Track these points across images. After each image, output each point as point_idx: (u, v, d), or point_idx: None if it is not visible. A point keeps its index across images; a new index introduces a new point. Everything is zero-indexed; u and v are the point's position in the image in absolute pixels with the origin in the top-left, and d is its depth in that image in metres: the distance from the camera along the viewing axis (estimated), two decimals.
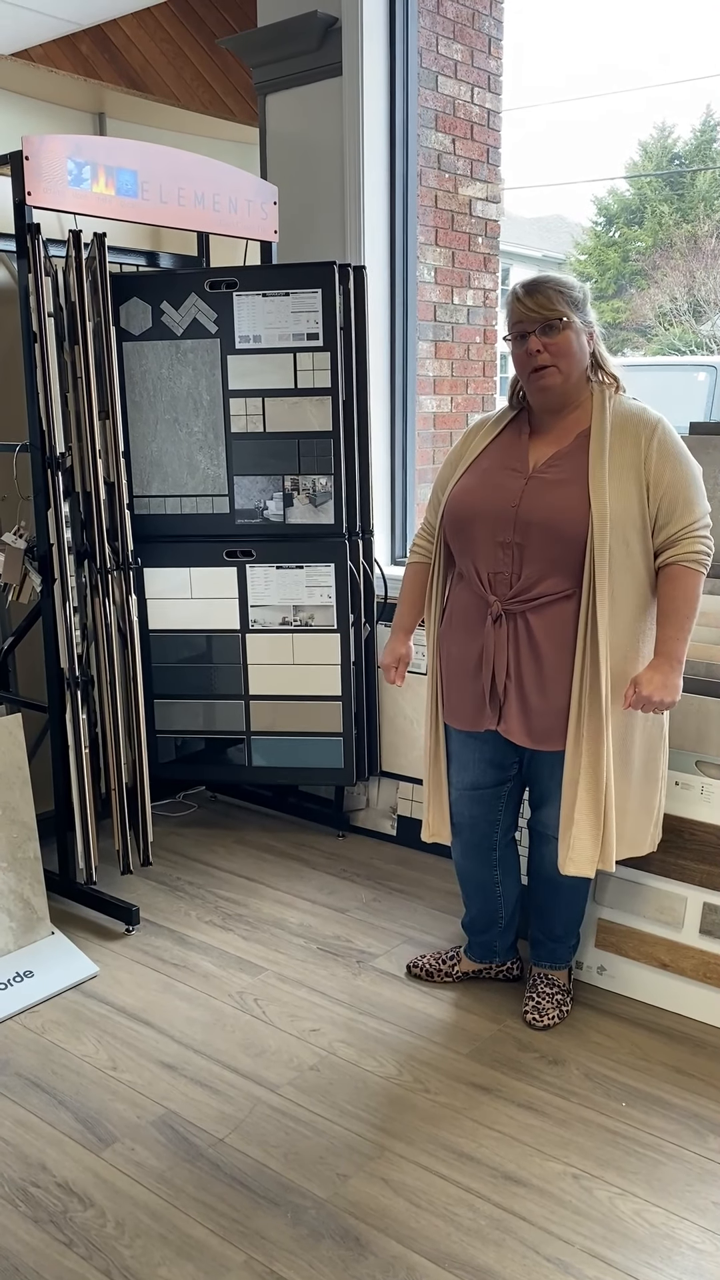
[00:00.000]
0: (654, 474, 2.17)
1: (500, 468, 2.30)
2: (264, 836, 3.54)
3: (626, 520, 2.16)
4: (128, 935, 2.90)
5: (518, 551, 2.23)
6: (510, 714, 2.31)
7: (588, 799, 2.24)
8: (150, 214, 2.95)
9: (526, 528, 2.21)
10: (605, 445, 2.18)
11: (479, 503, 2.28)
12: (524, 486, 2.24)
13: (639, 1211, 1.95)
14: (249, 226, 3.24)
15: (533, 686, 2.27)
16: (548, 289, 2.16)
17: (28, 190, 2.64)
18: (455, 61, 3.61)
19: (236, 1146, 2.11)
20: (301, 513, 3.21)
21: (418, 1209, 1.95)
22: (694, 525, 2.19)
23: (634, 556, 2.19)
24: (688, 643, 2.21)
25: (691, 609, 2.20)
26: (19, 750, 2.78)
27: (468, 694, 2.36)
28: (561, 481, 2.21)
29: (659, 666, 2.19)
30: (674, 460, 2.19)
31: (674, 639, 2.20)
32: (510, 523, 2.23)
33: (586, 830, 2.26)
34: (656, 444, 2.18)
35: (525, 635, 2.26)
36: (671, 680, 2.19)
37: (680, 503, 2.18)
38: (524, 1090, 2.27)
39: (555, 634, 2.24)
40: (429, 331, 3.65)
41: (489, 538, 2.26)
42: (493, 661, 2.29)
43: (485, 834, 2.50)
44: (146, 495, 3.26)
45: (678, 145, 19.63)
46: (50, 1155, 2.09)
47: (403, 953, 2.81)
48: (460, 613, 2.37)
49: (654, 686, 2.18)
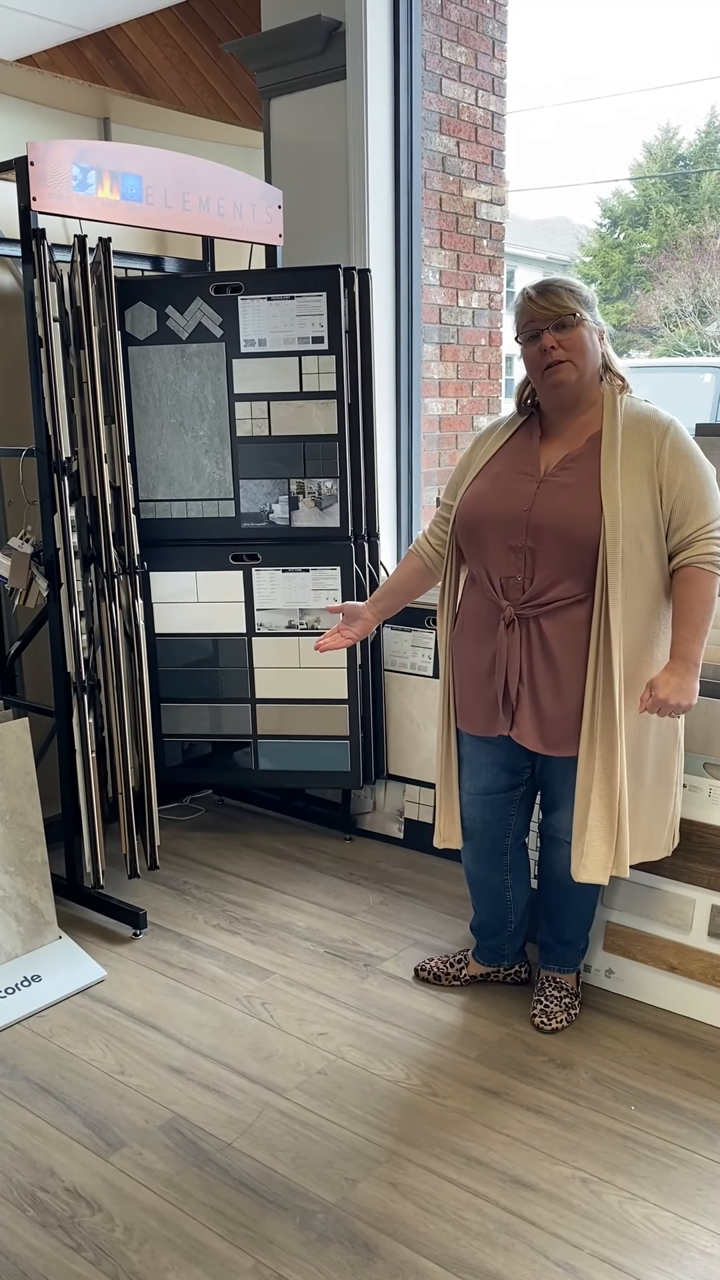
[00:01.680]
0: (667, 476, 2.16)
1: (512, 472, 2.29)
2: (271, 840, 3.54)
3: (639, 523, 2.16)
4: (135, 939, 2.90)
5: (530, 556, 2.22)
6: (523, 719, 2.30)
7: (601, 805, 2.23)
8: (155, 218, 2.96)
9: (538, 532, 2.20)
10: (617, 448, 2.17)
11: (490, 507, 2.27)
12: (535, 491, 2.23)
13: (649, 1216, 1.94)
14: (254, 230, 3.24)
15: (547, 692, 2.26)
16: (559, 288, 2.18)
17: (33, 195, 2.65)
18: (459, 64, 3.62)
19: (244, 1151, 2.10)
20: (307, 516, 3.21)
21: (426, 1213, 1.95)
22: (708, 527, 2.17)
23: (647, 559, 2.18)
24: (704, 645, 2.19)
25: (707, 611, 2.18)
26: (26, 754, 2.78)
27: (481, 699, 2.35)
28: (573, 485, 2.20)
29: (675, 669, 2.18)
30: (687, 462, 2.17)
31: (689, 641, 2.18)
32: (522, 527, 2.22)
33: (600, 837, 2.24)
34: (670, 445, 2.17)
35: (538, 640, 2.25)
36: (687, 683, 2.17)
37: (694, 504, 2.17)
38: (532, 1094, 2.27)
39: (568, 638, 2.22)
40: (434, 334, 3.65)
41: (500, 542, 2.25)
42: (505, 667, 2.29)
43: (496, 839, 2.49)
44: (152, 499, 3.26)
45: (682, 146, 19.63)
46: (58, 1160, 2.09)
47: (410, 956, 2.80)
48: (472, 618, 2.36)
49: (670, 689, 2.16)
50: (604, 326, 2.24)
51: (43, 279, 2.65)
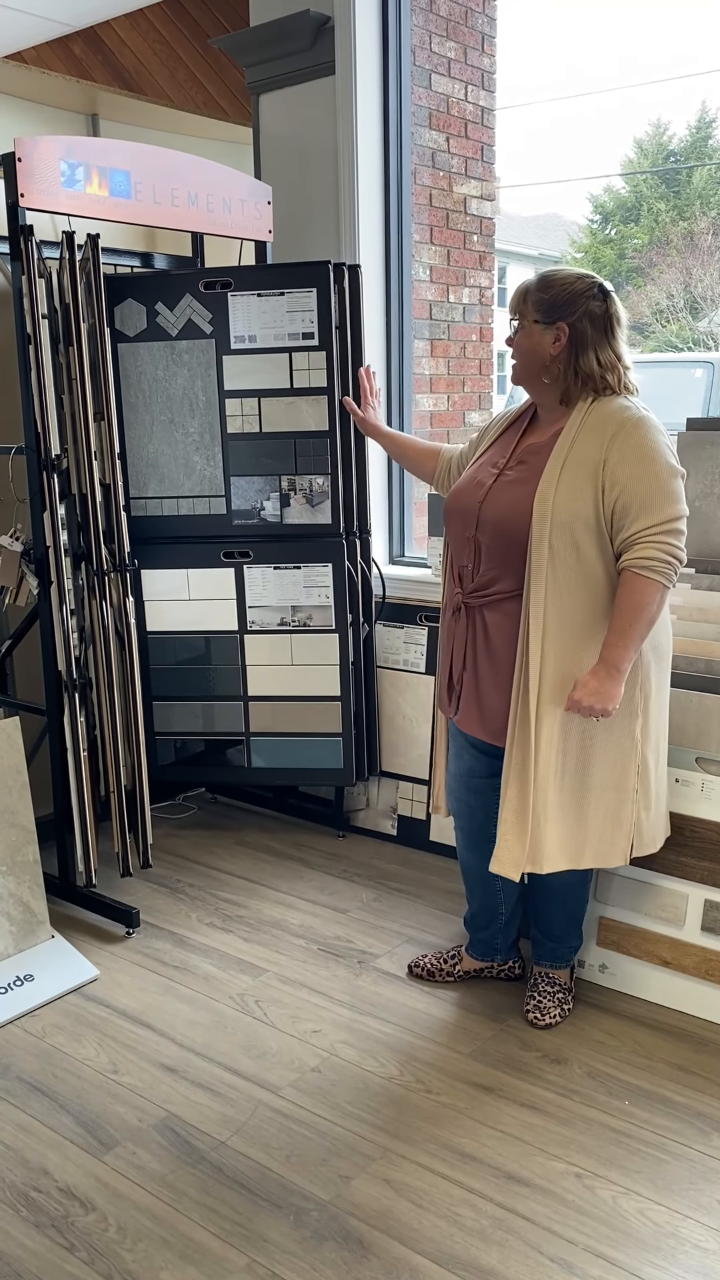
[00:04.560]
0: (610, 474, 2.12)
1: (485, 464, 2.36)
2: (264, 838, 3.53)
3: (576, 521, 2.13)
4: (128, 938, 2.89)
5: (477, 548, 2.29)
6: (465, 705, 2.37)
7: (515, 799, 2.26)
8: (144, 215, 2.95)
9: (484, 525, 2.27)
10: (567, 445, 2.18)
11: (458, 497, 2.37)
12: (491, 484, 2.29)
13: (642, 1210, 1.94)
14: (243, 226, 3.23)
15: (488, 682, 2.32)
16: (522, 287, 2.23)
17: (21, 192, 2.63)
18: (448, 59, 3.61)
19: (238, 1149, 2.10)
20: (299, 513, 3.20)
21: (420, 1210, 1.94)
22: (649, 529, 2.10)
23: (586, 559, 2.15)
24: (631, 649, 2.13)
25: (637, 615, 2.11)
26: (17, 753, 2.78)
27: (441, 681, 2.46)
28: (519, 480, 2.24)
29: (596, 672, 2.15)
30: (635, 461, 2.11)
31: (614, 645, 2.14)
32: (474, 519, 2.29)
33: (512, 830, 2.26)
34: (619, 444, 2.12)
35: (481, 630, 2.31)
36: (607, 687, 2.14)
37: (636, 506, 2.10)
38: (526, 1089, 2.27)
39: (507, 632, 2.27)
40: (425, 330, 3.64)
41: (460, 532, 2.34)
42: (450, 653, 2.38)
43: (483, 824, 2.50)
44: (143, 496, 3.25)
45: (673, 142, 19.63)
46: (51, 1160, 2.08)
47: (404, 953, 2.80)
48: (445, 603, 2.45)
49: (586, 692, 2.15)
50: (583, 326, 2.15)
51: (31, 276, 2.64)
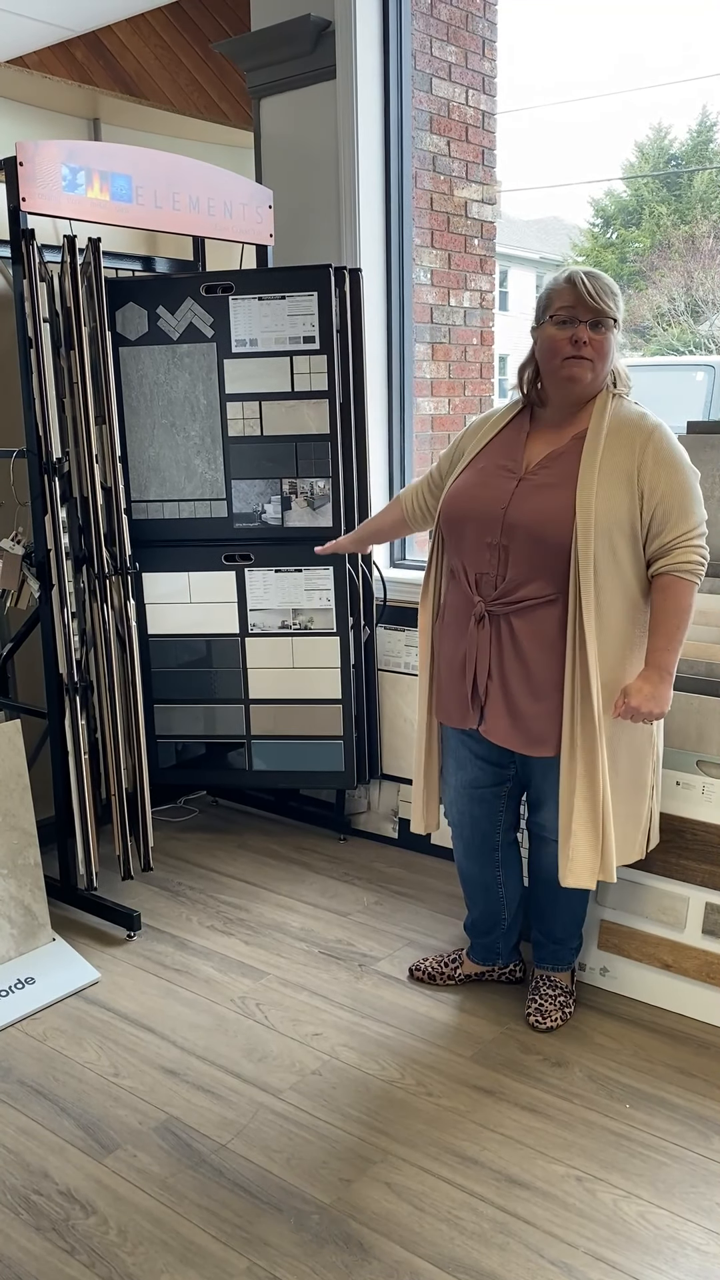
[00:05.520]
0: (649, 482, 2.15)
1: (495, 467, 2.30)
2: (265, 841, 3.53)
3: (614, 527, 2.15)
4: (129, 941, 2.89)
5: (503, 553, 2.23)
6: (492, 716, 2.30)
7: (586, 810, 2.22)
8: (145, 219, 2.95)
9: (512, 530, 2.21)
10: (598, 450, 2.17)
11: (471, 503, 2.29)
12: (514, 489, 2.24)
13: (643, 1214, 1.94)
14: (244, 230, 3.24)
15: (520, 690, 2.26)
16: (610, 287, 2.18)
17: (22, 196, 2.64)
18: (449, 63, 3.62)
19: (239, 1152, 2.10)
20: (300, 516, 3.20)
21: (421, 1213, 1.94)
22: (688, 534, 2.16)
23: (622, 564, 2.17)
24: (678, 653, 2.19)
25: (682, 619, 2.17)
26: (18, 757, 2.78)
27: (454, 693, 2.37)
28: (550, 485, 2.20)
29: (649, 677, 2.17)
30: (669, 468, 2.16)
31: (663, 649, 2.17)
32: (498, 524, 2.23)
33: (586, 842, 2.24)
34: (652, 451, 2.16)
35: (509, 638, 2.25)
36: (660, 691, 2.17)
37: (675, 511, 2.15)
38: (527, 1093, 2.26)
39: (540, 638, 2.23)
40: (426, 333, 3.65)
41: (477, 539, 2.27)
42: (475, 663, 2.30)
43: (486, 834, 2.49)
44: (144, 500, 3.26)
45: (674, 146, 19.65)
46: (52, 1163, 2.08)
47: (405, 956, 2.80)
48: (452, 611, 2.38)
49: (642, 697, 2.16)
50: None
51: (32, 280, 2.65)
